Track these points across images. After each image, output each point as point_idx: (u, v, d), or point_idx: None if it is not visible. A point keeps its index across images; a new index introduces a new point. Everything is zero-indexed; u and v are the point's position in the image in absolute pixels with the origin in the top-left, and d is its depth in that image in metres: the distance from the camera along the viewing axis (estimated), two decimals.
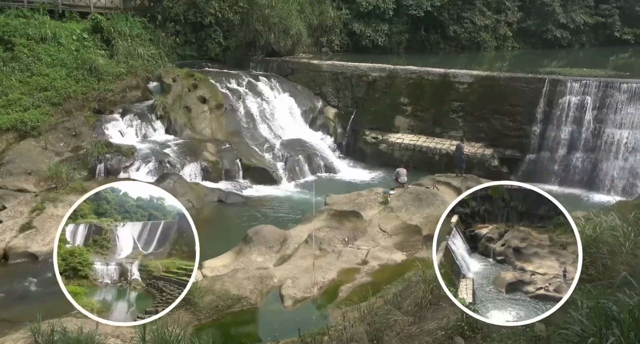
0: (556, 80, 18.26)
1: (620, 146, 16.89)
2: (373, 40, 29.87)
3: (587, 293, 4.39)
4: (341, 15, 29.05)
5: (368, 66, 22.43)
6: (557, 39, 35.23)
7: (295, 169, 18.96)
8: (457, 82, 20.13)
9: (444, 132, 20.35)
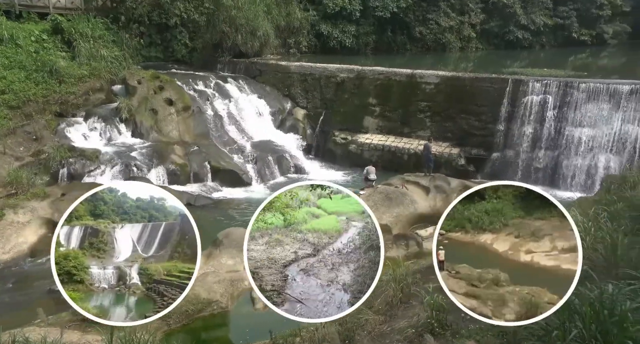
0: (519, 81, 18.75)
1: (580, 144, 17.48)
2: (340, 41, 30.05)
3: None
4: (308, 17, 29.11)
5: (336, 67, 22.53)
6: (519, 40, 36.27)
7: (265, 170, 18.88)
8: (423, 82, 20.44)
9: (412, 132, 20.63)
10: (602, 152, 17.14)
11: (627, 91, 16.91)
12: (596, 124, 17.31)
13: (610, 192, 8.10)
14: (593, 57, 34.65)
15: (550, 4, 37.75)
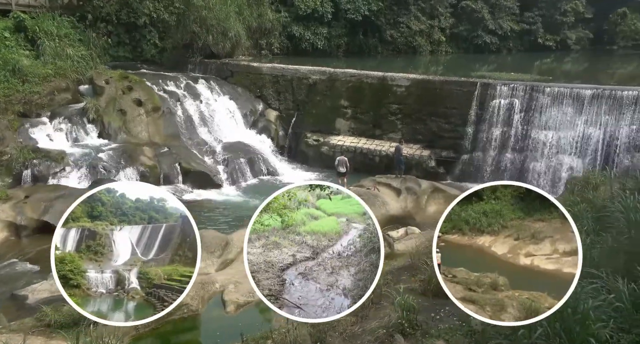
0: (487, 84, 19.19)
1: (545, 146, 18.01)
2: (313, 43, 30.13)
3: None
4: (280, 18, 29.07)
5: (308, 69, 22.57)
6: (487, 44, 37.12)
7: (236, 172, 18.73)
8: (395, 85, 20.69)
9: (383, 134, 20.84)
10: (567, 155, 17.69)
11: (589, 96, 17.52)
12: (560, 128, 17.86)
13: (574, 194, 8.37)
14: (557, 62, 35.75)
15: (517, 9, 38.78)
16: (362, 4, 30.44)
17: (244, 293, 8.78)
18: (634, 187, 6.44)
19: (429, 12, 35.08)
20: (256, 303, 8.74)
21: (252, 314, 8.46)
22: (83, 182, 15.32)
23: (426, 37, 35.02)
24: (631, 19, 43.28)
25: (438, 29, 35.79)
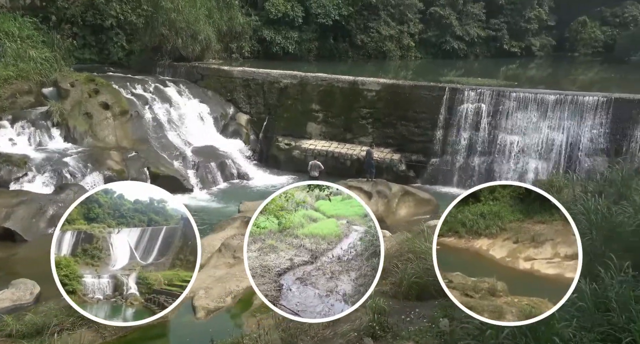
0: (455, 89, 19.58)
1: (511, 150, 18.50)
2: (284, 47, 30.14)
3: None
4: (251, 22, 28.98)
5: (279, 73, 22.56)
6: (455, 50, 37.90)
7: (207, 176, 18.56)
8: (365, 89, 20.88)
9: (354, 138, 21.00)
10: (532, 158, 18.22)
11: (552, 101, 18.12)
12: (526, 132, 18.40)
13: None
14: (522, 67, 36.80)
15: (483, 16, 39.73)
16: (333, 8, 30.66)
17: (215, 299, 8.70)
18: (595, 189, 6.68)
19: (399, 17, 35.58)
20: (227, 309, 8.68)
21: (222, 319, 8.39)
22: (47, 188, 14.89)
23: (396, 42, 35.49)
24: (591, 27, 45.00)
25: (407, 34, 36.33)
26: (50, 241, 4.54)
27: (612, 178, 6.75)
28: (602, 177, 7.26)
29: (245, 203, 14.24)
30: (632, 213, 5.07)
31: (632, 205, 5.42)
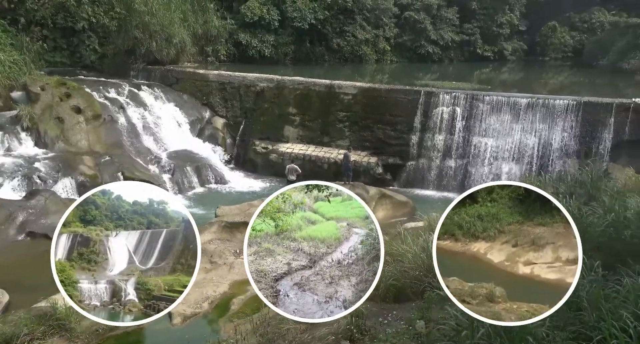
0: (430, 92, 19.86)
1: (485, 153, 18.85)
2: (260, 50, 30.10)
3: None
4: (226, 25, 28.87)
5: (256, 76, 22.51)
6: (430, 54, 38.48)
7: (183, 181, 18.37)
8: (342, 93, 21.01)
9: (331, 142, 21.08)
10: (505, 161, 18.60)
11: (525, 104, 18.54)
12: (499, 135, 18.77)
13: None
14: (495, 71, 37.57)
15: (457, 21, 40.46)
16: (309, 12, 30.77)
17: (191, 304, 8.62)
18: (566, 191, 6.86)
19: (374, 21, 35.93)
20: (204, 314, 8.61)
21: (199, 325, 8.32)
22: (17, 194, 14.53)
23: (372, 46, 35.82)
24: (560, 32, 46.32)
25: (383, 38, 36.71)
26: (20, 247, 4.41)
27: (582, 180, 6.95)
28: (573, 179, 7.46)
29: (222, 207, 14.15)
30: (602, 214, 5.23)
31: (601, 206, 5.59)
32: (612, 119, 17.40)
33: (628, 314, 3.85)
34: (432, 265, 5.36)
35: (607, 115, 17.47)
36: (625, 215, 5.19)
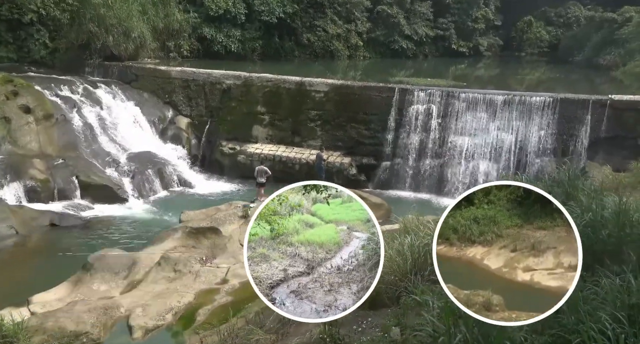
0: (405, 90, 20.08)
1: (462, 152, 19.16)
2: (225, 46, 29.84)
3: (437, 294, 4.87)
4: (189, 19, 28.48)
5: (222, 73, 22.31)
6: (404, 49, 38.91)
7: (144, 185, 18.05)
8: (313, 90, 21.01)
9: (303, 142, 21.06)
10: (482, 160, 18.96)
11: (501, 101, 18.94)
12: (476, 133, 19.12)
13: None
14: (471, 67, 38.30)
15: (431, 15, 41.07)
16: (277, 6, 30.69)
17: (153, 316, 8.50)
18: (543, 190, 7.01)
19: (346, 16, 36.10)
20: (167, 327, 8.49)
21: (162, 339, 8.21)
22: None
23: (343, 42, 35.98)
24: (536, 27, 47.59)
25: (355, 33, 36.91)
26: None
27: (559, 178, 7.10)
28: (550, 177, 7.63)
29: (186, 213, 13.95)
30: (579, 213, 5.35)
31: (579, 205, 5.72)
32: (589, 116, 17.95)
33: (606, 316, 3.94)
34: (407, 270, 5.43)
35: (584, 112, 18.03)
36: (603, 214, 5.32)
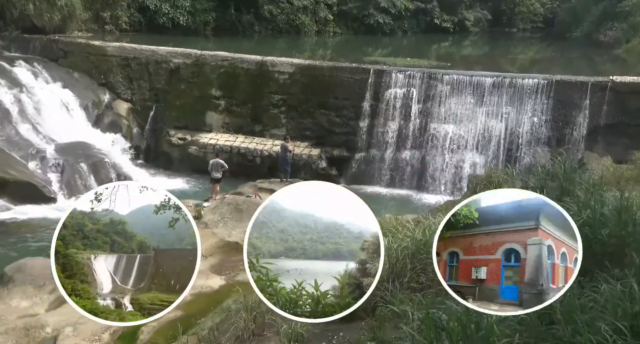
0: (381, 71, 20.20)
1: (445, 142, 19.41)
2: (173, 18, 29.41)
3: (417, 303, 4.90)
4: None
5: (168, 51, 21.96)
6: (380, 24, 39.09)
7: (76, 181, 17.66)
8: (276, 71, 20.91)
9: (265, 131, 20.97)
10: (468, 151, 19.25)
11: (489, 84, 19.26)
12: (461, 120, 19.40)
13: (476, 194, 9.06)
14: (456, 45, 38.86)
15: None
16: None
17: (87, 337, 8.33)
18: (536, 185, 7.11)
19: None
20: None
21: None
22: None
23: (311, 15, 35.92)
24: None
25: (324, 5, 36.89)
26: None
27: (554, 171, 7.23)
28: (544, 170, 7.76)
29: None
30: (576, 211, 5.44)
31: (576, 202, 5.82)
32: (587, 100, 18.42)
33: (606, 327, 4.02)
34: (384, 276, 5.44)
35: (582, 96, 18.48)
36: (602, 212, 5.42)
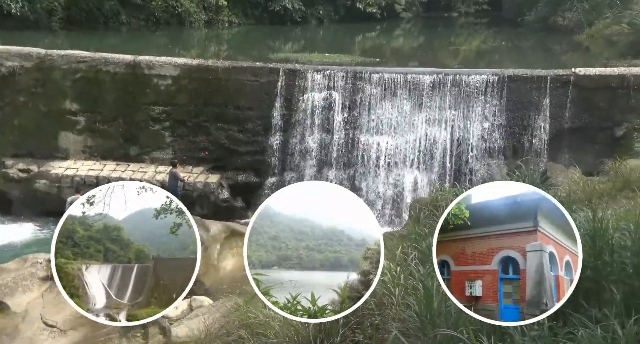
0: (293, 71, 20.47)
1: (378, 159, 19.86)
2: (3, 6, 28.55)
3: None
4: None
5: None
6: (288, 11, 39.70)
7: None
8: (155, 75, 20.70)
9: (143, 154, 20.69)
10: (407, 168, 19.77)
11: (428, 83, 19.94)
12: (396, 130, 19.92)
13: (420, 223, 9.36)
14: (385, 35, 40.04)
15: None
16: None
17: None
18: None
19: None
20: None
21: None
22: None
23: (197, 1, 35.97)
24: None
25: None
26: None
27: None
28: None
29: None
30: None
31: None
32: (547, 99, 19.40)
33: None
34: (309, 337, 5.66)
35: (541, 94, 19.46)
36: None
